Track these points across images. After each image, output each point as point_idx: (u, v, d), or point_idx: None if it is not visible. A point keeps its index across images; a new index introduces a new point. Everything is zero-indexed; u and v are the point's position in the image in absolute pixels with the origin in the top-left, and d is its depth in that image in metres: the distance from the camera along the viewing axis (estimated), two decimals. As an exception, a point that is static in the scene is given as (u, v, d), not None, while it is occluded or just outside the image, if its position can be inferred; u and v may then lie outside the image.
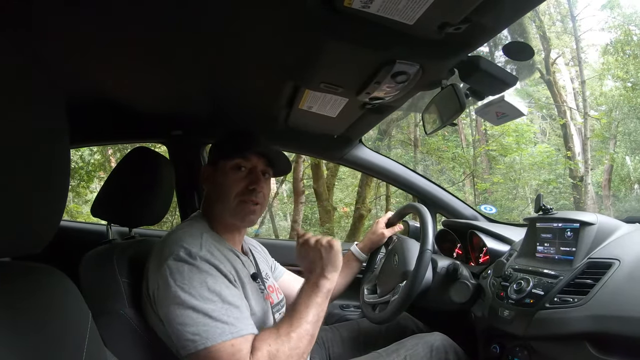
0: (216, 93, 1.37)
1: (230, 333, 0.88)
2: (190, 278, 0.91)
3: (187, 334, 0.87)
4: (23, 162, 0.51)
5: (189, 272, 0.91)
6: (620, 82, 8.19)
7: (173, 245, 0.96)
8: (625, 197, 8.70)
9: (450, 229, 1.75)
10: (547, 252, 1.19)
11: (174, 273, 0.91)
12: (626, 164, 8.57)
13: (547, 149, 8.70)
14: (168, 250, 0.95)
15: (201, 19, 0.88)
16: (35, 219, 0.55)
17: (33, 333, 0.55)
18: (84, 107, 1.33)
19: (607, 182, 8.48)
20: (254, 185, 1.09)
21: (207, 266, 0.94)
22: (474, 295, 1.30)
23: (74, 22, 0.87)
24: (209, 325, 0.87)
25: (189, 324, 0.87)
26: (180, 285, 0.90)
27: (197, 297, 0.89)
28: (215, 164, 1.10)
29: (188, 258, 0.93)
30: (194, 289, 0.89)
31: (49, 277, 0.65)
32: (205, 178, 1.12)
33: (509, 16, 0.81)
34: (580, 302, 0.94)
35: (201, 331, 0.87)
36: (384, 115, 1.39)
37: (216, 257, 0.97)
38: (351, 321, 1.59)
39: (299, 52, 0.98)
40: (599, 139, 8.40)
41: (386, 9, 0.75)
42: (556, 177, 8.37)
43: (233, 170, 1.08)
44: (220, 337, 0.87)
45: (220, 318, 0.88)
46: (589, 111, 8.10)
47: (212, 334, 0.87)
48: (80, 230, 2.08)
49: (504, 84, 1.05)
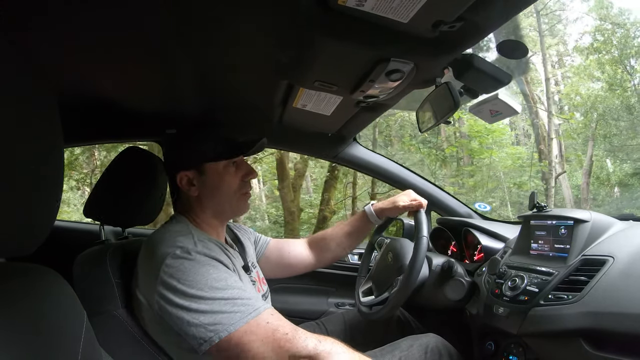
0: (210, 92, 1.36)
1: (255, 310, 0.89)
2: (193, 273, 0.90)
3: (206, 326, 0.86)
4: (17, 162, 0.50)
5: (190, 268, 0.91)
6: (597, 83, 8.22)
7: (167, 246, 0.95)
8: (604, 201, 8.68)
9: (445, 227, 1.75)
10: (541, 250, 1.20)
11: (176, 272, 0.90)
12: (606, 166, 8.56)
13: (517, 150, 8.72)
14: (163, 252, 0.94)
15: (195, 18, 0.87)
16: (29, 219, 0.55)
17: (28, 333, 0.55)
18: (77, 106, 1.32)
19: (586, 185, 8.47)
20: (249, 176, 1.12)
21: (206, 259, 0.94)
22: (469, 292, 1.30)
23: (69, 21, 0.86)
24: (226, 312, 0.87)
25: (205, 316, 0.86)
26: (185, 282, 0.89)
27: (206, 289, 0.88)
28: (196, 166, 1.09)
29: (186, 255, 0.92)
30: (199, 283, 0.89)
31: (43, 277, 0.64)
32: (188, 183, 1.09)
33: (503, 14, 0.81)
34: (575, 299, 0.94)
35: (222, 319, 0.86)
36: (378, 114, 1.39)
37: (212, 249, 0.97)
38: (336, 314, 1.59)
39: (293, 51, 0.98)
40: (571, 140, 8.41)
41: (380, 7, 0.74)
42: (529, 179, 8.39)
43: (225, 169, 1.09)
44: (247, 317, 0.87)
45: (236, 302, 0.89)
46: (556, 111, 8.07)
47: (235, 318, 0.86)
48: (74, 230, 2.06)
49: (498, 82, 1.05)
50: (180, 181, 1.09)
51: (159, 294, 0.90)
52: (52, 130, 0.57)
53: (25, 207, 0.53)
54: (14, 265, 0.61)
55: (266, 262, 1.40)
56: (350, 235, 1.47)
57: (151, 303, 0.93)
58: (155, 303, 0.91)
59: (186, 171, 1.09)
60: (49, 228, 0.58)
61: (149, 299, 0.94)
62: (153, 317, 0.95)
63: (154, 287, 0.91)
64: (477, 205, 1.89)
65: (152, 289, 0.92)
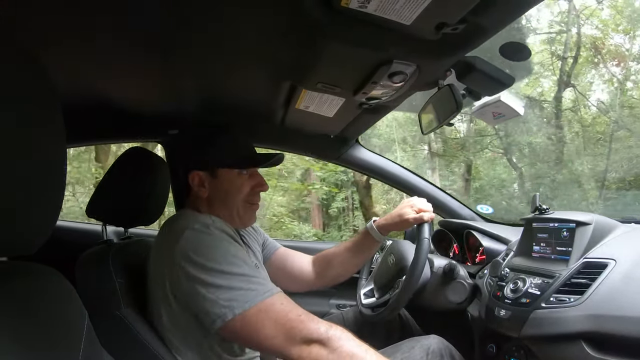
0: (212, 92, 1.36)
1: (269, 291, 0.90)
2: (212, 247, 0.91)
3: (221, 301, 0.86)
4: (19, 162, 0.50)
5: (210, 242, 0.92)
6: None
7: (186, 223, 0.96)
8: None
9: (447, 229, 1.75)
10: (543, 252, 1.20)
11: (195, 245, 0.91)
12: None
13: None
14: (182, 226, 0.95)
15: (198, 19, 0.88)
16: (32, 218, 0.55)
17: (29, 333, 0.55)
18: (79, 106, 1.32)
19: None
20: (261, 188, 1.13)
21: (224, 235, 0.95)
22: (471, 295, 1.30)
23: (69, 21, 0.87)
24: (243, 288, 0.88)
25: (220, 291, 0.87)
26: (203, 255, 0.90)
27: (224, 264, 0.89)
28: (210, 169, 1.09)
29: (205, 229, 0.94)
30: (218, 256, 0.90)
31: (45, 277, 0.64)
32: (199, 183, 1.10)
33: (506, 17, 0.81)
34: (577, 301, 0.94)
35: (237, 295, 0.87)
36: (380, 115, 1.39)
37: (227, 230, 0.99)
38: (336, 315, 1.59)
39: (296, 52, 0.98)
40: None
41: (383, 9, 0.74)
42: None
43: (238, 176, 1.10)
44: (262, 295, 0.88)
45: (252, 279, 0.90)
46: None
47: (250, 295, 0.87)
48: (76, 230, 2.07)
49: (501, 85, 1.05)
50: (192, 180, 1.10)
51: (177, 267, 0.91)
52: (54, 130, 0.57)
53: (27, 206, 0.53)
54: (16, 264, 0.61)
55: (268, 268, 1.37)
56: (353, 254, 1.40)
57: (163, 286, 0.94)
58: (169, 282, 0.92)
59: (199, 171, 1.09)
60: (51, 227, 0.58)
61: (161, 283, 0.95)
62: (165, 307, 0.95)
63: (170, 263, 0.92)
64: (479, 208, 1.89)
65: (167, 268, 0.93)
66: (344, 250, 1.41)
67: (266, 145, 1.73)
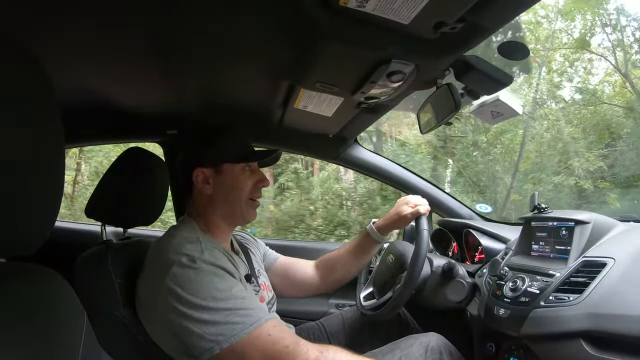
0: (211, 92, 1.36)
1: (257, 321, 0.89)
2: (198, 282, 0.91)
3: (208, 336, 0.87)
4: (18, 162, 0.50)
5: (196, 277, 0.91)
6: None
7: (173, 253, 0.96)
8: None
9: (446, 228, 1.75)
10: (542, 251, 1.20)
11: (181, 281, 0.91)
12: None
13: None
14: (169, 259, 0.94)
15: (198, 19, 0.88)
16: (30, 219, 0.55)
17: (28, 334, 0.54)
18: (79, 106, 1.32)
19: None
20: (263, 183, 1.14)
21: (211, 268, 0.94)
22: (470, 294, 1.30)
23: (69, 21, 0.87)
24: (229, 322, 0.88)
25: (207, 326, 0.87)
26: (189, 291, 0.89)
27: (209, 299, 0.89)
28: (215, 165, 1.10)
29: (192, 264, 0.93)
30: (203, 292, 0.90)
31: (44, 278, 0.64)
32: (203, 180, 1.10)
33: (504, 16, 0.81)
34: (576, 300, 0.94)
35: (223, 330, 0.87)
36: (379, 115, 1.40)
37: (218, 258, 0.98)
38: (335, 314, 1.59)
39: (294, 52, 0.98)
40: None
41: (382, 9, 0.75)
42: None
43: (242, 171, 1.11)
44: (248, 328, 0.88)
45: (238, 312, 0.89)
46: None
47: (236, 329, 0.87)
48: (75, 230, 2.07)
49: (499, 84, 1.05)
50: (196, 177, 1.10)
51: (164, 300, 0.91)
52: (53, 131, 0.57)
53: (26, 207, 0.53)
54: (15, 265, 0.60)
55: (271, 279, 1.38)
56: (355, 255, 1.42)
57: (155, 306, 0.94)
58: (159, 309, 0.92)
59: (203, 168, 1.10)
60: (49, 228, 0.58)
61: (153, 302, 0.94)
62: (157, 319, 0.95)
63: (160, 292, 0.92)
64: (478, 207, 1.89)
65: (157, 294, 0.93)
66: (346, 253, 1.43)
67: (265, 144, 1.73)
